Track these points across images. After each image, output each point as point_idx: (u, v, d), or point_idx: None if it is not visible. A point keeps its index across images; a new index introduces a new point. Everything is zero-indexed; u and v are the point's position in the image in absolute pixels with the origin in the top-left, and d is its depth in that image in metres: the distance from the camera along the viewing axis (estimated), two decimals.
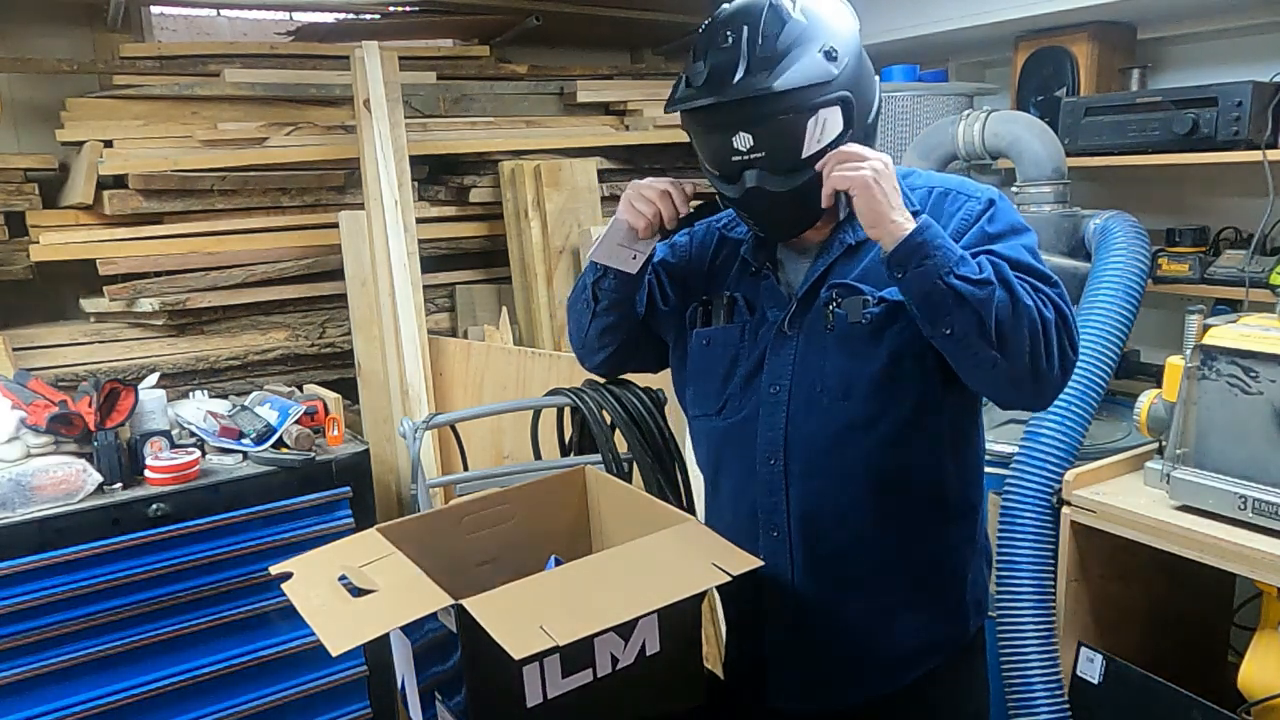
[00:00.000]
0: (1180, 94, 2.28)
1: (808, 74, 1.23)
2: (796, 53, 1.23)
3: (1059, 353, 1.24)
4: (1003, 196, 1.35)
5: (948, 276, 1.17)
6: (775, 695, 1.45)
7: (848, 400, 1.32)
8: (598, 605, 1.15)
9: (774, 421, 1.36)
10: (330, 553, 1.36)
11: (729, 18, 1.28)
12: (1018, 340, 1.20)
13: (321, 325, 2.87)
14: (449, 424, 1.98)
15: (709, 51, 1.26)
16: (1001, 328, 1.19)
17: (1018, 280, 1.21)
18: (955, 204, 1.34)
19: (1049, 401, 1.33)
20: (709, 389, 1.45)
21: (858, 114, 1.29)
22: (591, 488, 1.60)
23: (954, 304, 1.18)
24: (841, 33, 1.28)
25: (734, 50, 1.24)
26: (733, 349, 1.42)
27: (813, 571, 1.38)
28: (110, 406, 2.08)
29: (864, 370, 1.31)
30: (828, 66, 1.24)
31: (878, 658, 1.40)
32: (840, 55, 1.25)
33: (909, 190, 1.34)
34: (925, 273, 1.18)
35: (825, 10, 1.29)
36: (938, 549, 1.39)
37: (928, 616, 1.40)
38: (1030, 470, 2.09)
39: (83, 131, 2.58)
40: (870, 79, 1.34)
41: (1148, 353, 2.55)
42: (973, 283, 1.18)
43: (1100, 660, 1.96)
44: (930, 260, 1.18)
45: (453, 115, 3.05)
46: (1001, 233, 1.30)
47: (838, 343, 1.33)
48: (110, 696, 2.04)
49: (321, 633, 1.13)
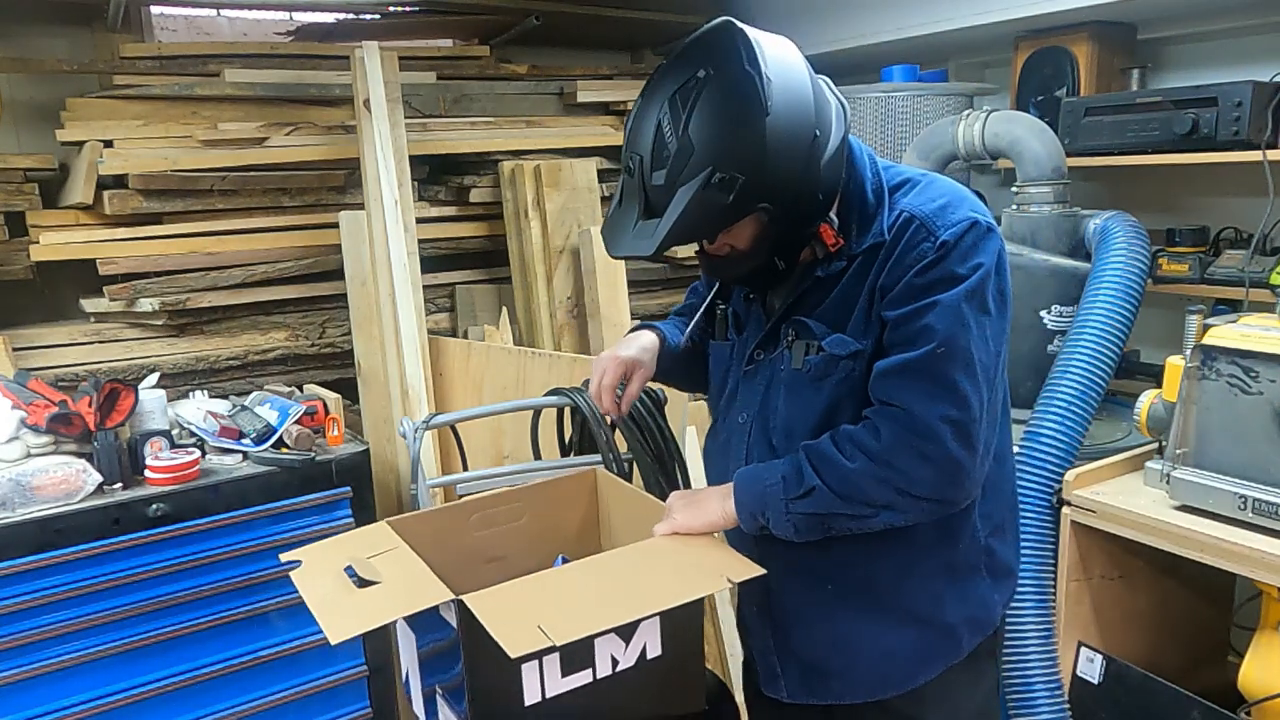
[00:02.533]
0: (1180, 94, 2.28)
1: (696, 218, 1.15)
2: (684, 191, 1.14)
3: (920, 459, 1.20)
4: (976, 228, 1.23)
5: (791, 513, 1.26)
6: (768, 687, 1.47)
7: (791, 441, 1.33)
8: (598, 606, 1.15)
9: (739, 451, 1.41)
10: (339, 544, 1.37)
11: (630, 136, 1.22)
12: (871, 489, 1.23)
13: (321, 325, 2.87)
14: (449, 424, 1.98)
15: (623, 178, 1.24)
16: (851, 497, 1.24)
17: (847, 441, 1.24)
18: (913, 241, 1.24)
19: (977, 483, 1.26)
20: (712, 396, 1.51)
21: (780, 209, 1.20)
22: (602, 490, 1.61)
23: (818, 523, 1.27)
24: (738, 142, 1.14)
25: (635, 181, 1.20)
26: (724, 365, 1.46)
27: (783, 591, 1.41)
28: (110, 406, 2.08)
29: (805, 415, 1.33)
30: (717, 198, 1.14)
31: (861, 669, 1.40)
32: (733, 177, 1.13)
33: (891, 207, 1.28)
34: (776, 523, 1.28)
35: (718, 119, 1.14)
36: (900, 578, 1.37)
37: (911, 636, 1.38)
38: (1030, 470, 2.09)
39: (83, 131, 2.58)
40: (789, 165, 1.17)
41: (1148, 353, 2.55)
42: (805, 497, 1.25)
43: (1100, 660, 1.96)
44: (769, 517, 1.28)
45: (453, 115, 3.05)
46: (927, 285, 1.22)
47: (786, 385, 1.35)
48: (110, 695, 2.04)
49: (323, 621, 1.14)
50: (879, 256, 1.26)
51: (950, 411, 1.20)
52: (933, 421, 1.19)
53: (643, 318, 2.96)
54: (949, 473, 1.22)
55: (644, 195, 1.19)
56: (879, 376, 1.24)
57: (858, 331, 1.28)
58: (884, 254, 1.26)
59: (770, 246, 1.26)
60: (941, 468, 1.21)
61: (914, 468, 1.21)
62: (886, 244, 1.26)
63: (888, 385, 1.23)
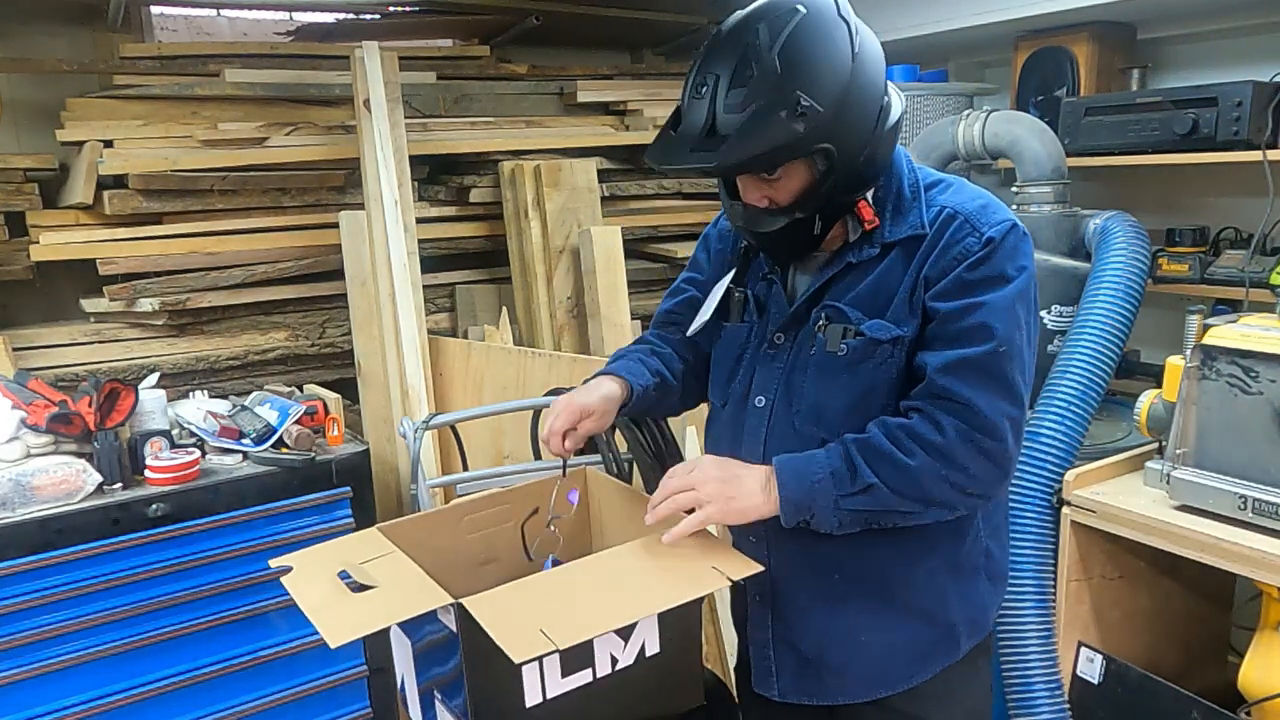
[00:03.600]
0: (1180, 94, 2.28)
1: (768, 141, 1.17)
2: (762, 112, 1.17)
3: (980, 454, 1.23)
4: (1016, 230, 1.28)
5: (840, 509, 1.25)
6: (761, 685, 1.47)
7: (818, 426, 1.33)
8: (598, 607, 1.15)
9: (756, 435, 1.39)
10: (330, 550, 1.36)
11: (707, 57, 1.23)
12: (932, 485, 1.23)
13: (321, 325, 2.87)
14: (449, 424, 1.98)
15: (689, 95, 1.23)
16: (909, 496, 1.24)
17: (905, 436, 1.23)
18: (957, 236, 1.27)
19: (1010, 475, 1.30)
20: (719, 381, 1.48)
21: (840, 160, 1.22)
22: (592, 489, 1.60)
23: (864, 517, 1.26)
24: (824, 76, 1.18)
25: (704, 104, 1.20)
26: (738, 348, 1.44)
27: (787, 581, 1.40)
28: (110, 406, 2.08)
29: (836, 398, 1.32)
30: (792, 129, 1.16)
31: (860, 665, 1.40)
32: (813, 107, 1.16)
33: (928, 201, 1.32)
34: (822, 519, 1.26)
35: (808, 50, 1.18)
36: (909, 572, 1.37)
37: (911, 632, 1.39)
38: (1030, 470, 2.09)
39: (83, 131, 2.58)
40: (863, 114, 1.23)
41: (1148, 353, 2.55)
42: (861, 494, 1.23)
43: (1100, 660, 1.96)
44: (815, 513, 1.25)
45: (453, 115, 3.05)
46: (979, 281, 1.25)
47: (817, 367, 1.34)
48: (110, 695, 2.04)
49: (320, 625, 1.13)
50: (921, 248, 1.29)
51: (1011, 410, 1.24)
52: (998, 418, 1.23)
53: (643, 318, 2.96)
54: (1003, 469, 1.26)
55: (712, 115, 1.20)
56: (938, 371, 1.24)
57: (899, 318, 1.29)
58: (926, 246, 1.29)
59: (814, 203, 1.27)
60: (998, 464, 1.25)
61: (974, 463, 1.23)
62: (929, 237, 1.29)
63: (948, 380, 1.23)
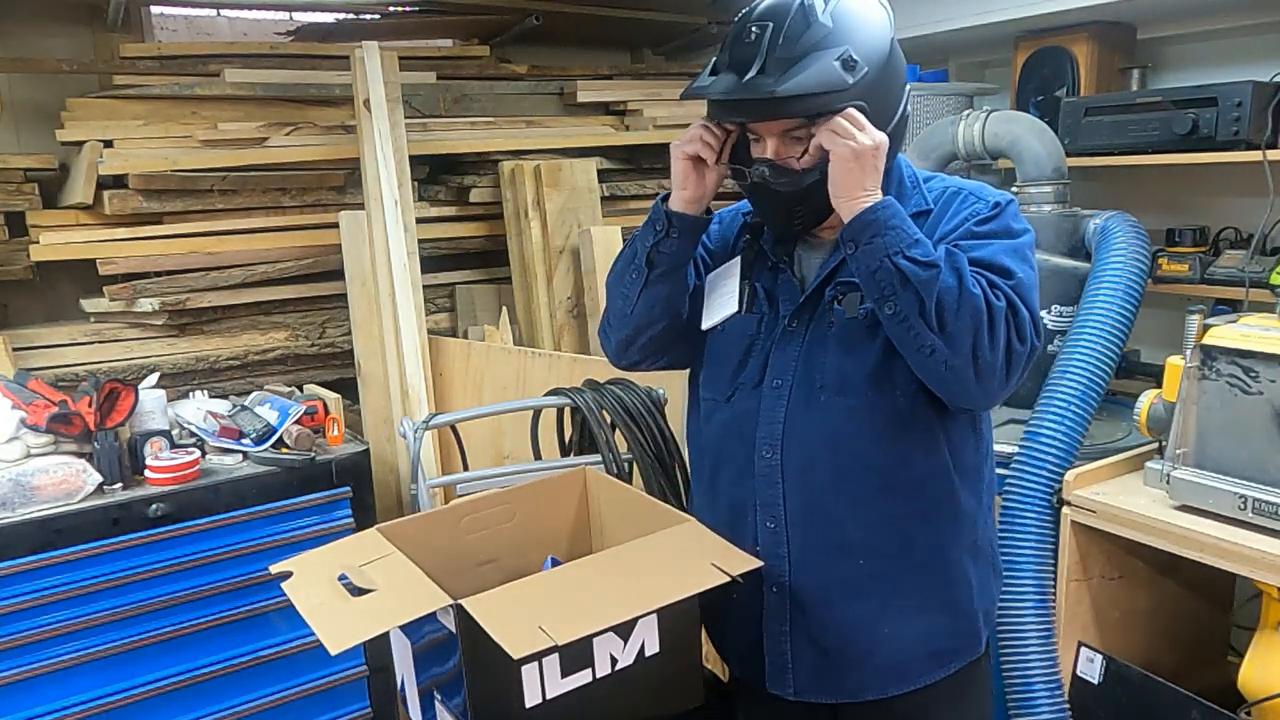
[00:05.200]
0: (1180, 94, 2.27)
1: (819, 81, 1.23)
2: (814, 57, 1.23)
3: (1004, 343, 1.24)
4: (1014, 202, 1.37)
5: (895, 257, 1.22)
6: (775, 683, 1.44)
7: (843, 395, 1.34)
8: (597, 605, 1.16)
9: (773, 416, 1.38)
10: (330, 552, 1.36)
11: (761, 12, 1.28)
12: (959, 326, 1.22)
13: (321, 325, 2.87)
14: (449, 424, 1.99)
15: (733, 44, 1.29)
16: (943, 312, 1.21)
17: (971, 271, 1.24)
18: (965, 204, 1.36)
19: (993, 398, 1.31)
20: (722, 374, 1.46)
21: (875, 122, 1.27)
22: (591, 488, 1.60)
23: (898, 284, 1.22)
24: (869, 40, 1.28)
25: (754, 47, 1.25)
26: (747, 340, 1.44)
27: (808, 567, 1.38)
28: (110, 406, 2.08)
29: (859, 364, 1.33)
30: (843, 75, 1.24)
31: (880, 658, 1.39)
32: (860, 64, 1.25)
33: (927, 190, 1.40)
34: (874, 250, 1.23)
35: (856, 15, 1.28)
36: (936, 551, 1.38)
37: (933, 623, 1.39)
38: (1030, 470, 2.09)
39: (83, 131, 2.58)
40: (896, 87, 1.33)
41: (1148, 353, 2.54)
42: (919, 264, 1.21)
43: (1100, 660, 1.96)
44: (880, 239, 1.22)
45: (453, 115, 3.05)
46: (989, 233, 1.31)
47: (837, 339, 1.35)
48: (110, 695, 2.04)
49: (320, 631, 1.13)
50: (928, 220, 1.36)
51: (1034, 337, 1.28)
52: (1035, 318, 1.27)
53: None
54: (1011, 364, 1.26)
55: (763, 58, 1.24)
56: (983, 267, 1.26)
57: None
58: (934, 218, 1.36)
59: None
60: (1014, 356, 1.25)
61: (1004, 333, 1.24)
62: (935, 210, 1.37)
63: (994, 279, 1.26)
